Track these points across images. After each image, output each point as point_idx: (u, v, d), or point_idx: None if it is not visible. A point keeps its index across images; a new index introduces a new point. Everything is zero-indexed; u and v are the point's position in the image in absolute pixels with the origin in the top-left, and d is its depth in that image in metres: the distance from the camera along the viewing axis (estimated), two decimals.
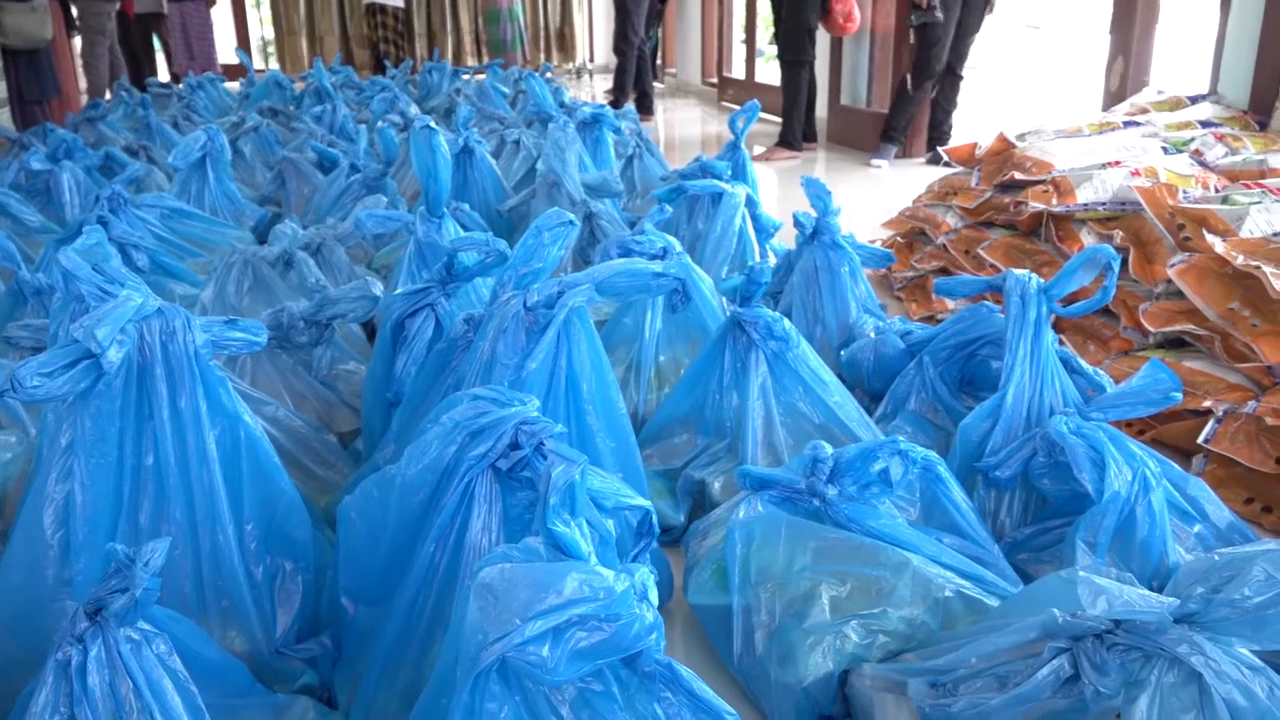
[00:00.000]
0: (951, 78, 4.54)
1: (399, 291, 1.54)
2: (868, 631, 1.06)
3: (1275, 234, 1.78)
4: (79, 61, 6.50)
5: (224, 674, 0.92)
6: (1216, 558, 0.83)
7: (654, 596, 0.81)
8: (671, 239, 1.84)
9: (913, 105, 4.64)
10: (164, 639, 0.78)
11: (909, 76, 4.54)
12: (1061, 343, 1.68)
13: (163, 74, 7.77)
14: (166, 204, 2.57)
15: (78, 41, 6.47)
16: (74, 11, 6.36)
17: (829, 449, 1.20)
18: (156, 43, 7.78)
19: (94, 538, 0.98)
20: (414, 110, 4.32)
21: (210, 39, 7.82)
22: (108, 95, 6.14)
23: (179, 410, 1.00)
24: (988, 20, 4.52)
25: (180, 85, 5.83)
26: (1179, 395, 1.27)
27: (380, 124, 3.29)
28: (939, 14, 4.26)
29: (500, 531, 0.99)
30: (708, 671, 1.18)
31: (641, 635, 0.78)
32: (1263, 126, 2.59)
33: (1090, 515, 1.19)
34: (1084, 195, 2.15)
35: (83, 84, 6.53)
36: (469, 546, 0.99)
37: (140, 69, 7.36)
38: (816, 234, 1.97)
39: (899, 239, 2.83)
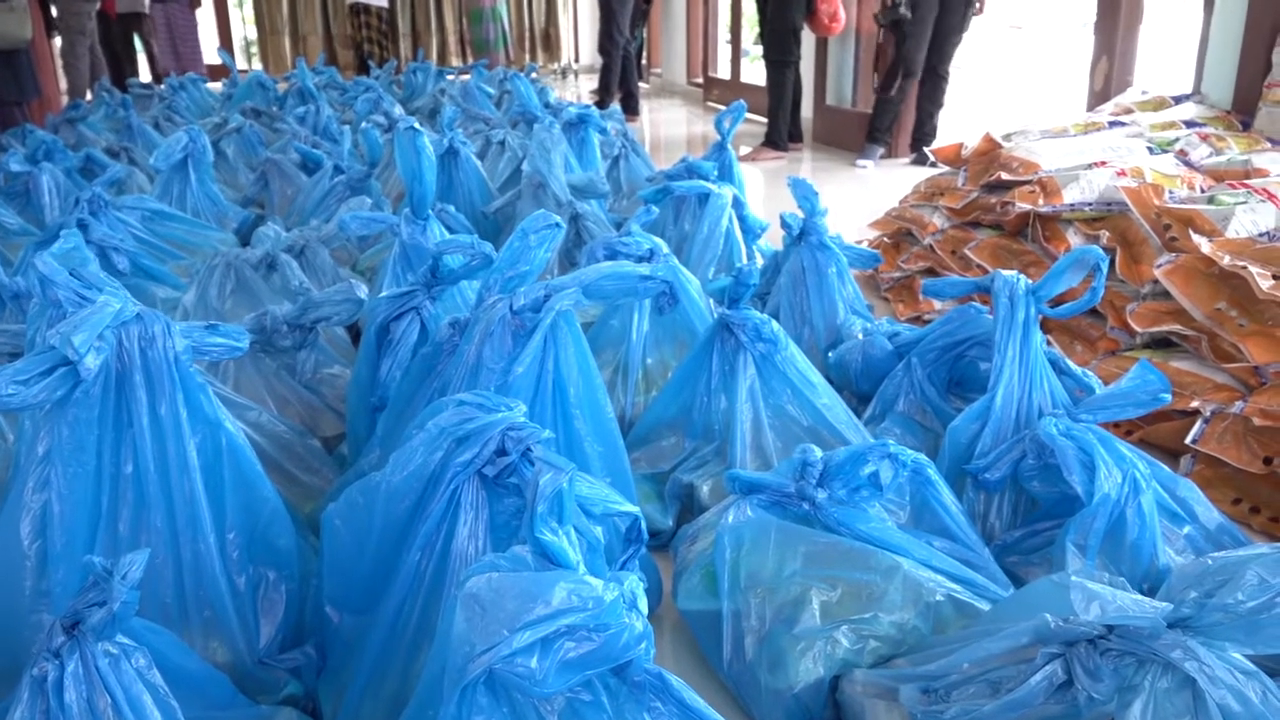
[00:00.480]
0: (934, 78, 4.53)
1: (383, 295, 1.52)
2: (858, 636, 1.06)
3: (1261, 234, 1.78)
4: (59, 62, 6.44)
5: (206, 686, 0.90)
6: (1209, 562, 0.83)
7: (643, 605, 0.80)
8: (658, 240, 1.83)
9: (894, 105, 4.63)
10: (143, 653, 0.77)
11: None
12: (1049, 343, 1.68)
13: (144, 74, 7.70)
14: (148, 206, 2.54)
15: (58, 42, 6.41)
16: (54, 12, 6.30)
17: (818, 452, 1.19)
18: (138, 43, 7.71)
19: (72, 548, 0.96)
20: (398, 111, 4.29)
21: (196, 40, 7.76)
22: (88, 96, 6.08)
23: (159, 417, 0.99)
24: (975, 21, 4.52)
25: (162, 86, 5.79)
26: (1168, 396, 1.27)
27: (364, 125, 3.26)
28: (904, 11, 4.26)
29: (487, 539, 0.98)
30: (697, 678, 1.17)
31: (631, 645, 0.77)
32: (1246, 126, 2.60)
33: (1080, 518, 1.19)
34: (1070, 196, 2.15)
35: (63, 85, 6.47)
36: (455, 554, 0.97)
37: (121, 69, 7.30)
38: (804, 235, 1.96)
39: (885, 239, 2.83)
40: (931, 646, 1.03)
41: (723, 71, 7.79)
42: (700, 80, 8.14)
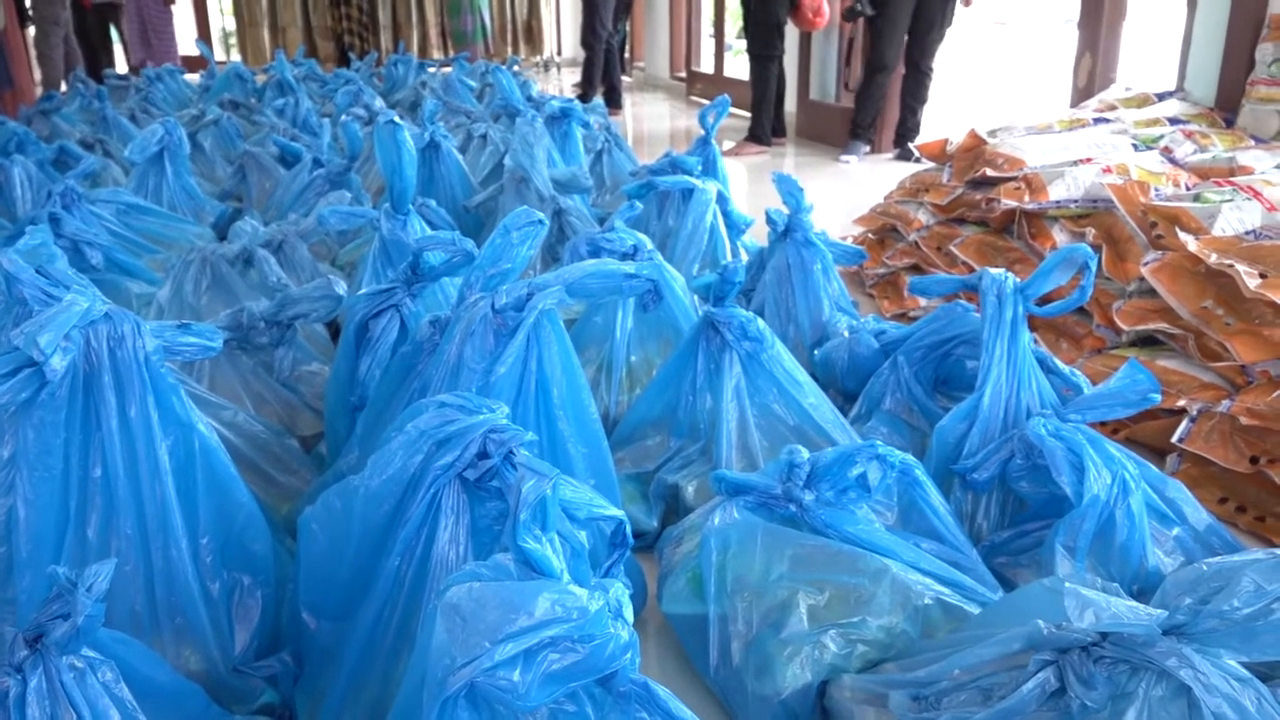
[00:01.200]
0: (917, 73, 4.51)
1: (363, 291, 1.49)
2: (846, 641, 1.04)
3: (1248, 232, 1.77)
4: (34, 53, 6.34)
5: (177, 698, 0.87)
6: (1204, 568, 0.81)
7: (629, 614, 0.78)
8: (642, 236, 1.81)
9: (874, 101, 4.62)
10: (110, 666, 0.74)
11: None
12: (1035, 341, 1.67)
13: (121, 66, 7.59)
14: (123, 199, 2.49)
15: (32, 32, 6.31)
16: (27, 1, 6.20)
17: (805, 453, 1.18)
18: (115, 34, 7.60)
19: (38, 555, 0.93)
20: (379, 104, 4.24)
21: (170, 33, 7.63)
22: (63, 87, 5.99)
23: (128, 420, 0.96)
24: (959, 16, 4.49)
25: (138, 77, 5.70)
26: (1158, 397, 1.26)
27: (344, 118, 3.22)
28: (861, 8, 4.27)
29: (468, 544, 0.96)
30: (683, 683, 1.16)
31: (616, 655, 0.75)
32: (1229, 123, 2.59)
33: (1069, 519, 1.18)
34: (1056, 192, 2.14)
35: (37, 76, 6.37)
36: (436, 559, 0.95)
37: (97, 60, 7.19)
38: (789, 231, 1.94)
39: (870, 235, 2.82)
40: (920, 650, 1.02)
41: (706, 66, 7.76)
42: (683, 74, 8.11)
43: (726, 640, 1.09)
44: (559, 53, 10.65)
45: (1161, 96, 2.79)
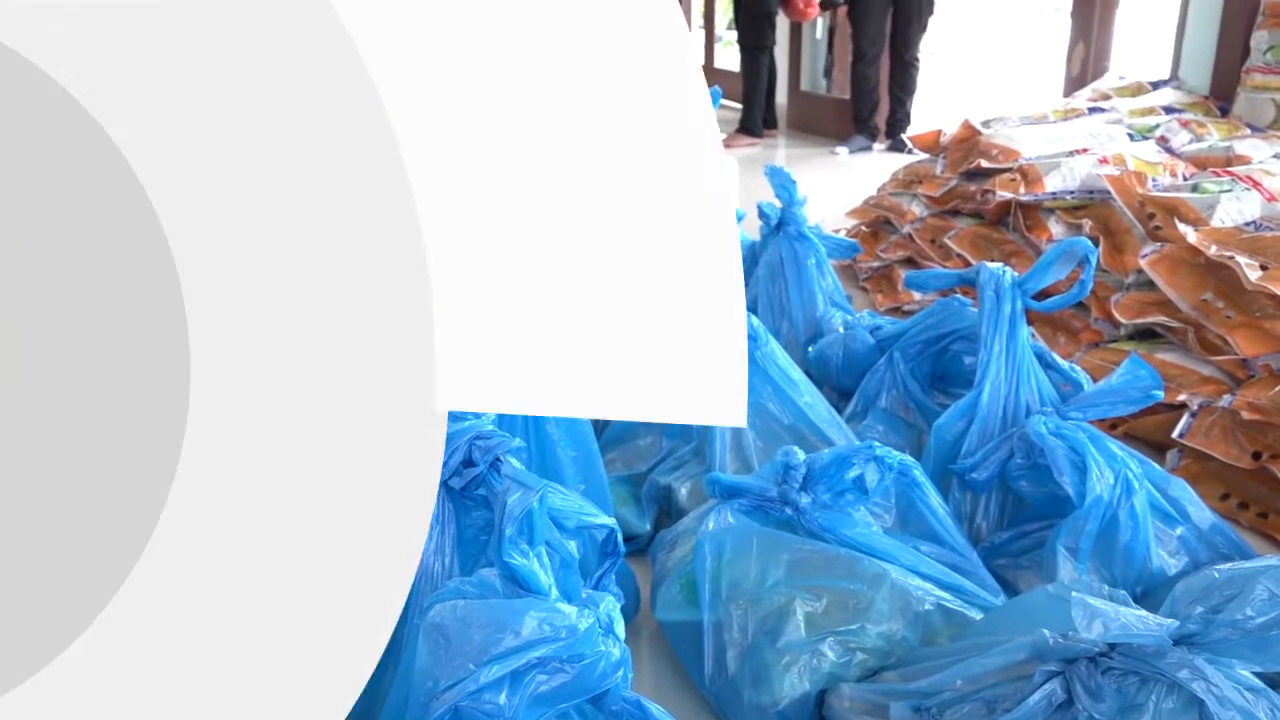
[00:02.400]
0: (902, 64, 4.48)
1: None
2: (845, 649, 1.01)
3: (1247, 223, 1.75)
4: None
5: None
6: (1216, 575, 0.78)
7: (620, 629, 0.75)
8: None
9: (862, 91, 4.58)
10: None
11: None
12: (1033, 336, 1.64)
13: None
14: None
15: None
16: None
17: (801, 455, 1.15)
18: None
19: None
20: None
21: None
22: None
23: None
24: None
25: None
26: (1160, 393, 1.23)
27: None
28: None
29: (454, 554, 0.93)
30: (676, 693, 1.13)
31: (607, 673, 0.72)
32: (1225, 112, 2.57)
33: (1071, 520, 1.15)
34: (1052, 183, 2.11)
35: None
36: (421, 571, 0.92)
37: None
38: (782, 225, 1.91)
39: (863, 228, 2.79)
40: (921, 658, 0.99)
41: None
42: None
43: (722, 648, 1.06)
44: None
45: (1155, 85, 2.76)
